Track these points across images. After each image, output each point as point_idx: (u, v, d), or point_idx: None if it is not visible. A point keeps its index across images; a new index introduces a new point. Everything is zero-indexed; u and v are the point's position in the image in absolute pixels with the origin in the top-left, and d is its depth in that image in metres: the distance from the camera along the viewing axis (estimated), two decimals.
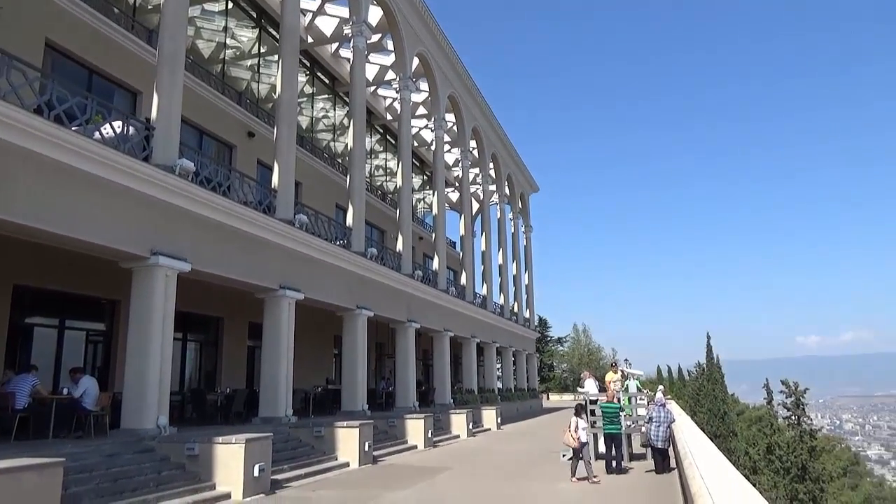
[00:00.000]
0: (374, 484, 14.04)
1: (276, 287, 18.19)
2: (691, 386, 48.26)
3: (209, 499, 11.32)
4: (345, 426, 17.02)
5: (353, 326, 22.92)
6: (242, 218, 16.69)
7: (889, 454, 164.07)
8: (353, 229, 23.58)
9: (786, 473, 22.66)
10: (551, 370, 79.45)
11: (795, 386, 23.93)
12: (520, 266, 51.41)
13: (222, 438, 12.06)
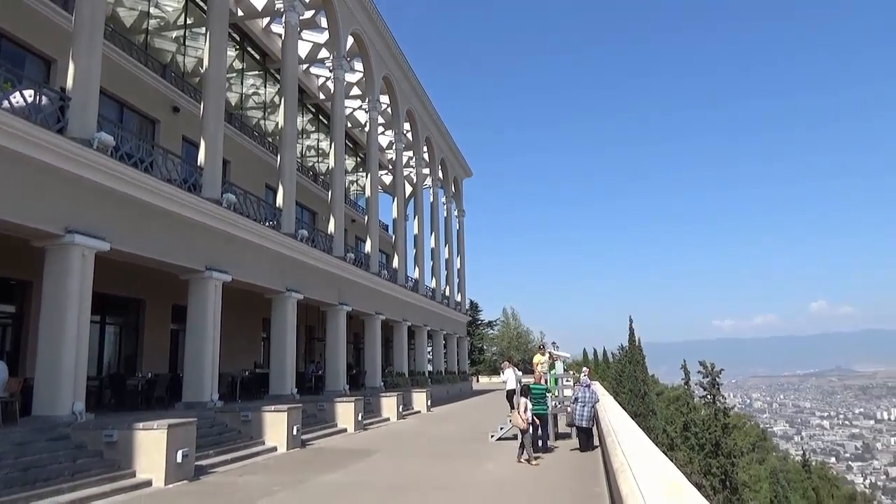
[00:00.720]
0: (303, 468, 13.91)
1: (202, 268, 17.62)
2: (615, 368, 49.99)
3: (128, 486, 10.93)
4: (273, 410, 16.76)
5: (283, 309, 22.50)
6: (166, 196, 16.02)
7: (793, 430, 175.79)
8: (283, 210, 23.08)
9: (700, 449, 23.91)
10: (481, 353, 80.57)
11: (711, 367, 25.17)
12: (452, 250, 51.72)
13: (143, 424, 11.64)
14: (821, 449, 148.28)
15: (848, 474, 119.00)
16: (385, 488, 11.32)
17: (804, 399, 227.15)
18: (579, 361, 64.13)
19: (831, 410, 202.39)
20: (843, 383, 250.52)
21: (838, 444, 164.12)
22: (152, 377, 19.29)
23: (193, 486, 11.64)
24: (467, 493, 10.76)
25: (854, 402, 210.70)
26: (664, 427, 32.63)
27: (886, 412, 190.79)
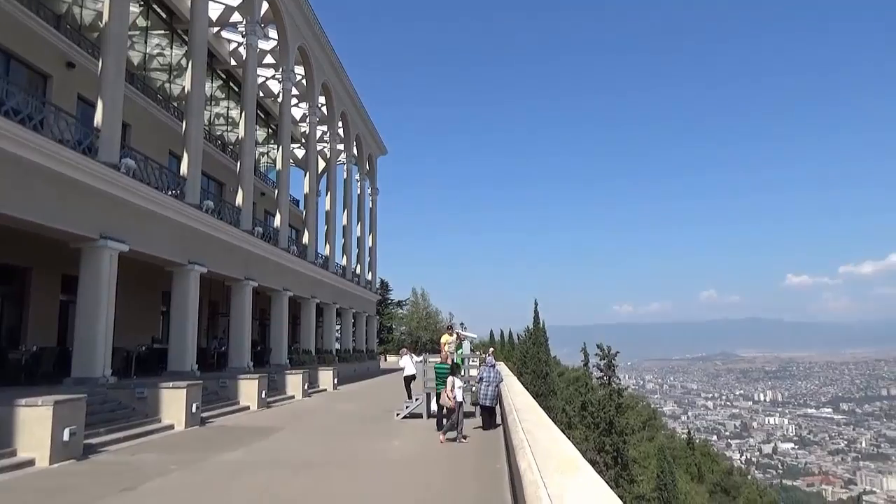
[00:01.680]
0: (201, 446, 13.50)
1: (96, 236, 16.61)
2: (519, 349, 51.35)
3: (9, 466, 10.24)
4: (170, 387, 16.13)
5: (184, 282, 21.61)
6: (56, 157, 14.93)
7: (680, 410, 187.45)
8: (187, 179, 22.07)
9: (596, 428, 25.08)
10: (390, 332, 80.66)
11: (608, 350, 26.36)
12: (364, 228, 51.28)
13: (26, 401, 10.91)
14: (704, 427, 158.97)
15: (727, 451, 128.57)
16: (287, 466, 11.18)
17: (692, 381, 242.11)
18: (486, 342, 65.44)
19: (715, 392, 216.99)
20: (727, 367, 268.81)
21: (720, 424, 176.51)
22: (37, 350, 18.09)
23: (81, 465, 11.06)
24: (370, 470, 10.80)
25: (735, 385, 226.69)
26: (564, 406, 33.94)
27: (763, 394, 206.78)
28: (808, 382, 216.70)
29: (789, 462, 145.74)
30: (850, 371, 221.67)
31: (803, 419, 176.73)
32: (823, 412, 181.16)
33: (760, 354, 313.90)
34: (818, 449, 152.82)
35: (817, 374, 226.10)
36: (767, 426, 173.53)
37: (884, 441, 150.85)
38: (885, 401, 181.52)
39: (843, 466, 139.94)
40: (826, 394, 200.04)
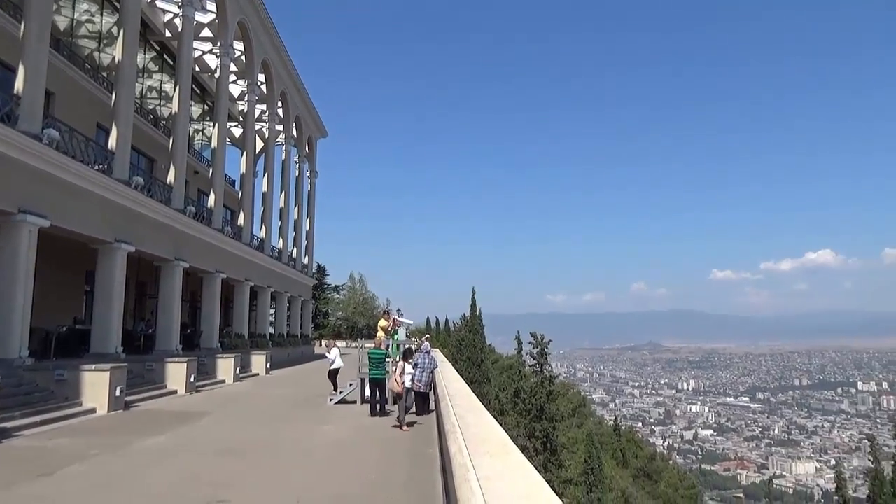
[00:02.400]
0: (125, 431, 13.08)
1: (14, 210, 15.73)
2: (455, 336, 51.82)
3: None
4: (93, 369, 15.53)
5: (110, 261, 20.76)
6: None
7: (609, 398, 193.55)
8: (116, 154, 21.13)
9: (527, 414, 25.60)
10: (326, 318, 79.90)
11: (541, 338, 26.89)
12: (301, 211, 50.44)
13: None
14: (630, 415, 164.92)
15: (651, 437, 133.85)
16: (214, 451, 10.96)
17: (620, 370, 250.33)
18: (422, 329, 65.74)
19: (642, 381, 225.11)
20: (654, 357, 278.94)
21: (645, 411, 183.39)
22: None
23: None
24: (300, 455, 10.70)
25: (661, 374, 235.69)
26: (497, 393, 34.48)
27: (686, 383, 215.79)
28: (728, 372, 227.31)
29: (708, 448, 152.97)
30: (767, 362, 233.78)
31: (722, 407, 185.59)
32: (741, 401, 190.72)
33: (685, 345, 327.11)
34: (735, 435, 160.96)
35: (737, 364, 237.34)
36: (689, 414, 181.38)
37: (794, 428, 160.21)
38: (797, 390, 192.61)
39: (757, 452, 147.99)
40: (744, 383, 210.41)
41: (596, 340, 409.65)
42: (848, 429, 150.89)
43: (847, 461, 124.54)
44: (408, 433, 12.97)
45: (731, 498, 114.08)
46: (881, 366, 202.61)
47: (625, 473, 47.00)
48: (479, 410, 6.89)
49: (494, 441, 4.51)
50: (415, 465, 9.74)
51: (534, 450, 24.54)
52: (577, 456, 32.08)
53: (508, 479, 3.30)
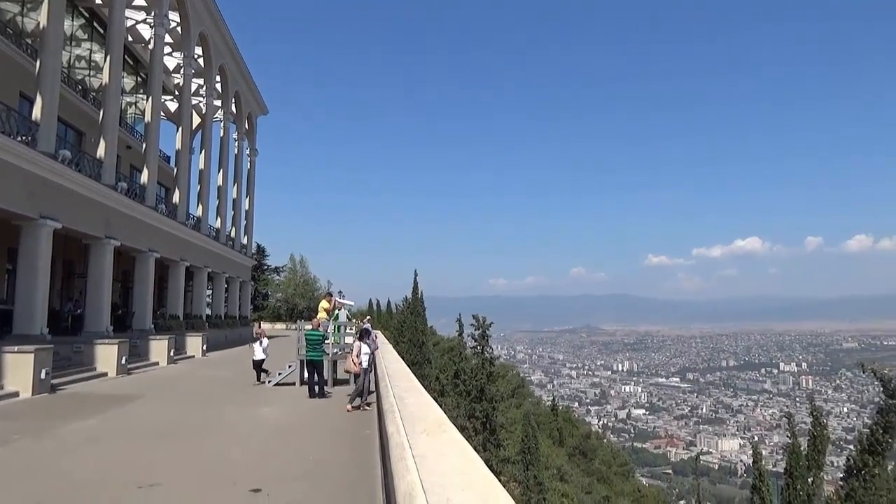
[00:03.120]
0: (50, 414, 12.58)
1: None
2: (397, 318, 51.81)
3: None
4: (15, 351, 14.83)
5: (34, 238, 19.77)
6: None
7: (547, 379, 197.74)
8: (41, 125, 20.06)
9: (467, 395, 25.90)
10: (266, 299, 78.51)
11: (482, 320, 27.14)
12: (241, 190, 49.20)
13: None
14: (567, 395, 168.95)
15: (587, 417, 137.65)
16: (146, 434, 10.66)
17: (558, 352, 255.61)
18: (364, 311, 65.41)
19: (579, 362, 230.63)
20: (591, 339, 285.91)
21: (581, 391, 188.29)
22: None
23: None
24: (237, 438, 10.53)
25: (597, 356, 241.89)
26: (438, 375, 34.74)
27: (621, 364, 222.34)
28: (660, 354, 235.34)
29: (640, 426, 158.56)
30: (697, 344, 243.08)
31: (654, 387, 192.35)
32: (672, 381, 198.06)
33: (621, 328, 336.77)
34: (666, 414, 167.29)
35: (669, 346, 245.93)
36: (623, 394, 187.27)
37: (721, 407, 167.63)
38: (724, 371, 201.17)
39: (686, 430, 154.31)
40: (675, 364, 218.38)
41: (536, 323, 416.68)
42: (770, 407, 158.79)
43: (769, 437, 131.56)
44: (345, 414, 12.94)
45: (661, 474, 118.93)
46: (801, 347, 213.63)
47: (561, 452, 48.22)
48: (417, 391, 6.93)
49: (431, 420, 4.55)
50: (355, 447, 9.74)
51: (473, 430, 24.88)
52: (515, 435, 32.70)
53: (443, 457, 3.33)
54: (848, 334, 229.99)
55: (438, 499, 2.54)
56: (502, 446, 27.86)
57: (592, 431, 77.72)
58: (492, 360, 27.32)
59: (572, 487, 37.67)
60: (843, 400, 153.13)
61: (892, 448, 13.19)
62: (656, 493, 59.69)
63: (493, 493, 2.66)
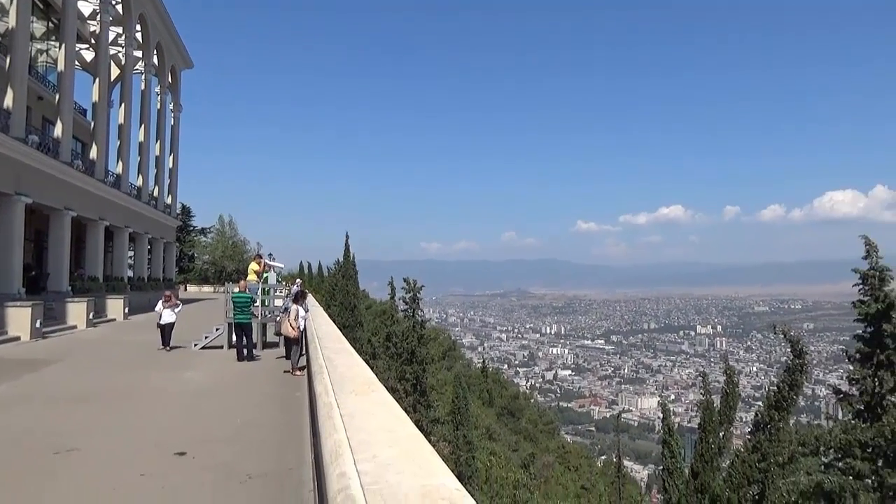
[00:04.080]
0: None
1: None
2: (329, 282, 51.35)
3: None
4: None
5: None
6: None
7: (478, 342, 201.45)
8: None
9: (398, 357, 26.07)
10: (192, 261, 76.08)
11: (414, 284, 27.22)
12: (164, 147, 47.03)
13: None
14: (497, 357, 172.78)
15: (515, 378, 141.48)
16: (63, 399, 10.24)
17: (489, 315, 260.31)
18: (295, 274, 64.46)
19: (509, 325, 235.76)
20: (521, 303, 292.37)
21: (511, 354, 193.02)
22: None
23: None
24: (161, 402, 10.27)
25: (527, 319, 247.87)
26: (369, 338, 34.77)
27: (549, 328, 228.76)
28: (587, 317, 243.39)
29: (566, 387, 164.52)
30: (621, 308, 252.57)
31: (580, 349, 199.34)
32: (597, 343, 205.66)
33: (550, 292, 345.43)
34: (590, 375, 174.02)
35: (595, 310, 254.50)
36: (551, 356, 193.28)
37: (642, 368, 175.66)
38: (645, 333, 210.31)
39: (609, 389, 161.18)
40: (601, 327, 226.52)
41: (467, 287, 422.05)
42: (687, 367, 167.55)
43: (685, 395, 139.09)
44: (275, 377, 12.82)
45: (585, 431, 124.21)
46: (717, 311, 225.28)
47: (490, 412, 49.53)
48: (348, 352, 6.91)
49: (360, 380, 4.56)
50: (284, 409, 9.68)
51: (404, 392, 25.12)
52: (445, 397, 33.31)
53: (371, 416, 3.35)
54: (760, 299, 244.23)
55: (365, 455, 2.55)
56: (433, 407, 28.31)
57: (521, 392, 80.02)
58: (423, 324, 27.52)
59: (500, 446, 38.85)
60: (753, 360, 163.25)
61: (796, 404, 14.21)
62: (580, 450, 62.38)
63: (419, 449, 2.70)
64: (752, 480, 10.61)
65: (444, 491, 2.12)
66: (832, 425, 15.10)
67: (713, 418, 11.37)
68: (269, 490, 5.86)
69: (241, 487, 5.92)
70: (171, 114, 49.07)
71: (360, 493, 2.10)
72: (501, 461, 32.12)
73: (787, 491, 12.18)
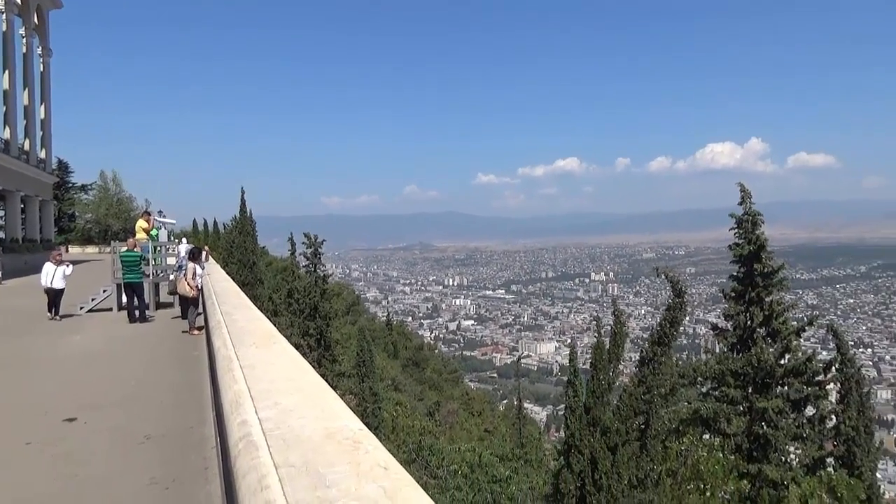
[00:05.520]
0: None
1: None
2: (226, 238, 49.56)
3: None
4: None
5: None
6: None
7: (382, 295, 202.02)
8: None
9: (301, 313, 25.74)
10: (73, 220, 70.92)
11: (315, 238, 26.75)
12: (33, 95, 43.03)
13: None
14: (401, 310, 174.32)
15: (420, 330, 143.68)
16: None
17: (393, 269, 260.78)
18: (189, 231, 61.77)
19: (412, 279, 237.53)
20: (424, 256, 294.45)
21: (415, 306, 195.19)
22: None
23: None
24: (47, 368, 9.69)
25: (430, 272, 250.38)
26: (271, 295, 34.05)
27: (452, 279, 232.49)
28: (488, 268, 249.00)
29: (469, 336, 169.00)
30: (521, 258, 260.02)
31: (482, 299, 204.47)
32: (498, 293, 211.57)
33: (452, 244, 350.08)
34: (492, 324, 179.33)
35: (496, 261, 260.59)
36: (454, 307, 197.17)
37: (540, 315, 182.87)
38: (543, 282, 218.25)
39: (510, 337, 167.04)
40: (501, 278, 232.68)
41: (371, 241, 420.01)
42: (582, 313, 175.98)
43: (580, 339, 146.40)
44: (171, 337, 12.39)
45: (487, 378, 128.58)
46: (609, 259, 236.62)
47: (395, 364, 50.14)
48: (246, 307, 6.78)
49: (260, 333, 4.50)
50: (183, 369, 9.40)
51: (308, 347, 24.91)
52: (350, 351, 33.31)
53: (273, 366, 3.34)
54: (648, 246, 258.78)
55: (267, 404, 2.56)
56: (338, 361, 28.31)
57: (425, 343, 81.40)
58: (325, 279, 27.17)
59: (406, 396, 39.55)
60: (641, 304, 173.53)
61: (677, 340, 15.36)
62: (483, 396, 64.66)
63: (322, 394, 2.73)
64: (638, 412, 11.50)
65: (346, 432, 2.18)
66: (708, 357, 16.52)
67: (603, 357, 12.14)
68: (169, 450, 5.73)
69: (140, 449, 5.76)
70: (39, 59, 44.81)
71: (261, 439, 2.12)
72: (407, 410, 32.76)
73: (669, 419, 13.32)
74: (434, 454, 21.63)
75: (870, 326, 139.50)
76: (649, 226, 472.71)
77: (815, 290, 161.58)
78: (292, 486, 1.69)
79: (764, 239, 15.88)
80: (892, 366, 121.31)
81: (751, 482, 12.92)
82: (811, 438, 14.50)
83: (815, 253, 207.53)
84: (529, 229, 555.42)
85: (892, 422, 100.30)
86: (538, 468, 24.91)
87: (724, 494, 11.83)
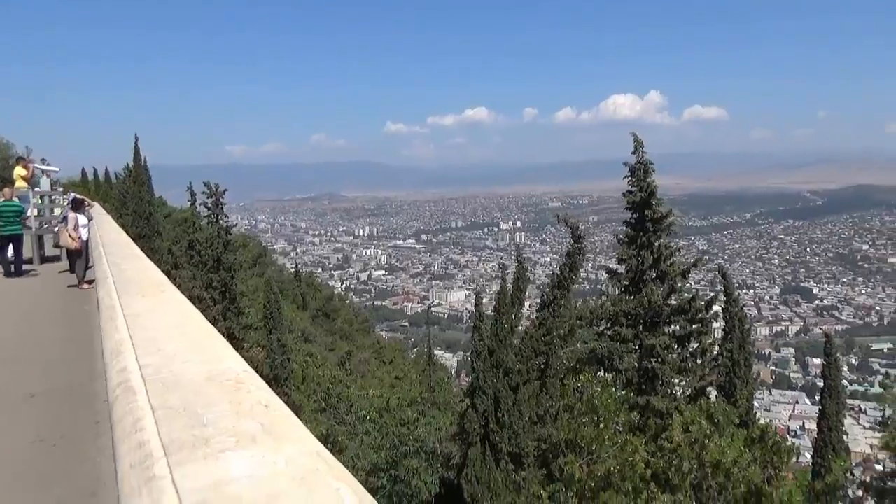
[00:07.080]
0: None
1: None
2: (118, 188, 46.75)
3: None
4: None
5: None
6: None
7: (290, 247, 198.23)
8: None
9: (204, 266, 24.94)
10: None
11: (216, 188, 25.79)
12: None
13: None
14: (311, 262, 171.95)
15: (330, 281, 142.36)
16: None
17: (301, 220, 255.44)
18: (76, 181, 57.78)
19: (322, 229, 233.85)
20: (333, 206, 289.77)
21: (325, 258, 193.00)
22: None
23: None
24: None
25: (339, 222, 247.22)
26: (170, 247, 32.67)
27: (362, 230, 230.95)
28: (398, 218, 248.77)
29: (380, 286, 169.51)
30: (431, 208, 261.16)
31: (393, 249, 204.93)
32: (409, 243, 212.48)
33: (362, 194, 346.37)
34: (403, 274, 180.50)
35: (406, 210, 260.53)
36: (365, 257, 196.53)
37: (450, 264, 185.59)
38: (453, 231, 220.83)
39: (421, 286, 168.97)
40: (411, 227, 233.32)
41: (278, 191, 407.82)
42: (490, 261, 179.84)
43: (489, 287, 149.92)
44: (57, 291, 11.69)
45: (399, 327, 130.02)
46: (517, 208, 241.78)
47: (305, 315, 49.69)
48: (137, 258, 6.50)
49: (149, 282, 4.34)
50: (71, 324, 8.91)
51: (212, 300, 24.27)
52: (257, 303, 32.67)
53: (159, 314, 3.24)
54: (553, 195, 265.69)
55: (149, 350, 2.50)
56: (244, 314, 27.78)
57: (335, 294, 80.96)
58: (228, 229, 26.35)
59: (316, 347, 39.45)
60: (547, 251, 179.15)
61: (576, 284, 16.09)
62: (394, 344, 65.46)
63: (210, 340, 2.69)
64: (539, 353, 12.09)
65: (230, 374, 2.17)
66: (604, 300, 17.47)
67: (506, 301, 12.57)
68: (57, 406, 5.48)
69: (24, 405, 5.47)
70: None
71: (140, 384, 2.08)
72: (318, 361, 32.75)
73: (568, 358, 14.10)
74: (343, 401, 21.86)
75: (752, 269, 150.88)
76: (555, 176, 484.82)
77: (706, 237, 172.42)
78: (168, 426, 1.68)
79: (654, 186, 16.73)
80: (770, 305, 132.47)
81: (640, 413, 13.96)
82: (694, 371, 15.75)
83: (707, 202, 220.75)
84: (439, 179, 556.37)
85: (769, 356, 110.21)
86: (445, 411, 25.71)
87: (616, 426, 12.74)
